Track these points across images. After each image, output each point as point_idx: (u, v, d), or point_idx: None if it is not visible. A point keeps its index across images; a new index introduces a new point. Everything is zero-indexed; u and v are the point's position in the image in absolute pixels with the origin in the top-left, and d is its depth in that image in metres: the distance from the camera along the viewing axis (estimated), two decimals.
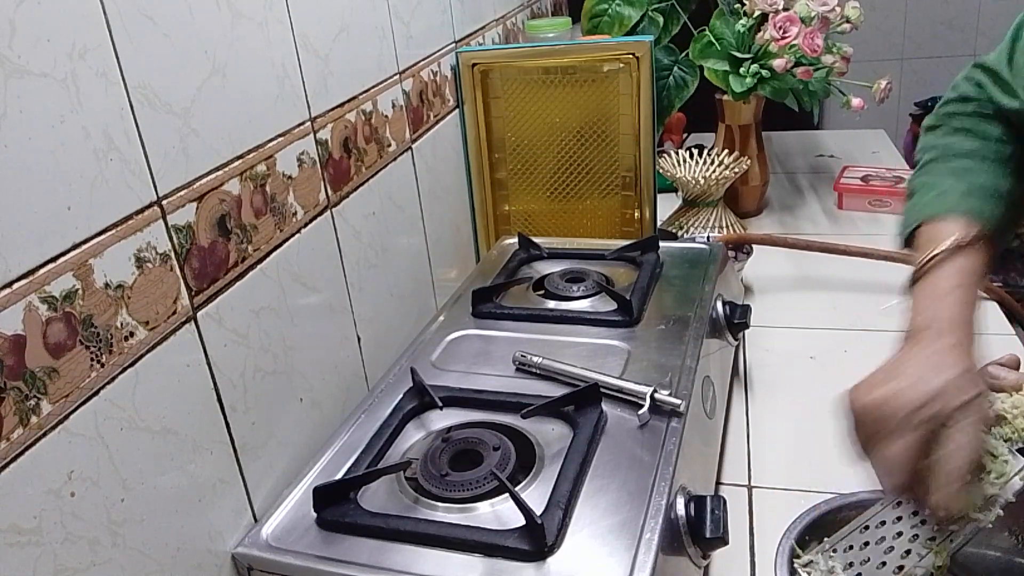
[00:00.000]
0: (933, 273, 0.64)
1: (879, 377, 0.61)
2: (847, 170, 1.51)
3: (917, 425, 0.56)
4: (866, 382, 0.61)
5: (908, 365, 0.60)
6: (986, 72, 0.73)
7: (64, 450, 0.49)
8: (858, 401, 0.60)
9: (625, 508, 0.61)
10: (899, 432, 0.56)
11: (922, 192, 0.71)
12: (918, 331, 0.62)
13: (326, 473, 0.69)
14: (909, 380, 0.58)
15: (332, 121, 0.82)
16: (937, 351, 0.59)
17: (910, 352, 0.61)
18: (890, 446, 0.56)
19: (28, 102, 0.46)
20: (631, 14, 1.39)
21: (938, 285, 0.64)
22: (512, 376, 0.81)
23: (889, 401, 0.57)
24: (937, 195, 0.69)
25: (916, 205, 0.71)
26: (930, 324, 0.62)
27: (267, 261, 0.70)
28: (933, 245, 0.65)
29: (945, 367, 0.58)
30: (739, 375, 1.00)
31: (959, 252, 0.64)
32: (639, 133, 1.15)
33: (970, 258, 0.64)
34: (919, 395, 0.56)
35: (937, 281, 0.64)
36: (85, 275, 0.50)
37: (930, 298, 0.64)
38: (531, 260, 1.07)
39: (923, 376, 0.57)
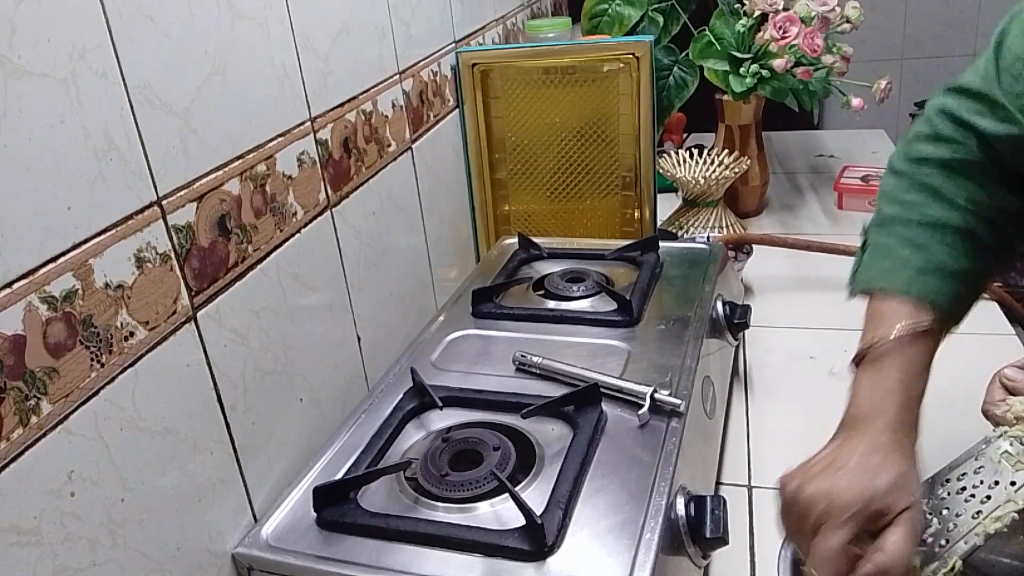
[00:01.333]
0: (879, 362, 0.62)
1: (816, 468, 0.60)
2: (847, 170, 1.51)
3: (853, 524, 0.56)
4: (802, 470, 0.61)
5: (848, 459, 0.59)
6: (968, 97, 0.65)
7: (64, 450, 0.48)
8: (793, 491, 0.60)
9: (625, 508, 0.61)
10: (835, 529, 0.56)
11: (876, 255, 0.67)
12: (858, 421, 0.61)
13: (326, 473, 0.69)
14: (845, 478, 0.57)
15: (332, 121, 0.82)
16: (877, 448, 0.59)
17: (848, 445, 0.60)
18: (825, 541, 0.56)
19: (28, 102, 0.46)
20: (631, 14, 1.39)
21: (883, 376, 0.62)
22: (512, 376, 0.81)
23: (826, 497, 0.57)
24: (891, 267, 0.65)
25: (868, 268, 0.67)
26: (871, 416, 0.61)
27: (267, 261, 0.70)
28: (881, 329, 0.63)
29: (885, 468, 0.57)
30: (739, 375, 1.00)
31: (907, 341, 0.62)
32: (639, 133, 1.15)
33: (917, 349, 0.62)
34: (856, 494, 0.56)
35: (882, 371, 0.62)
36: (85, 275, 0.50)
37: (874, 389, 0.62)
38: (531, 260, 1.07)
39: (862, 474, 0.57)
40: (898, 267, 0.64)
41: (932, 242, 0.63)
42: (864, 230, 0.70)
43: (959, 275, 0.63)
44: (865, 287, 0.66)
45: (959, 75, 0.67)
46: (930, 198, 0.65)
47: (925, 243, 0.63)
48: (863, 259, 0.68)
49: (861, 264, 0.68)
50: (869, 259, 0.67)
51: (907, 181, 0.67)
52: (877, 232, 0.68)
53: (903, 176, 0.67)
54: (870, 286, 0.66)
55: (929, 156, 0.66)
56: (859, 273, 0.68)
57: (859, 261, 0.69)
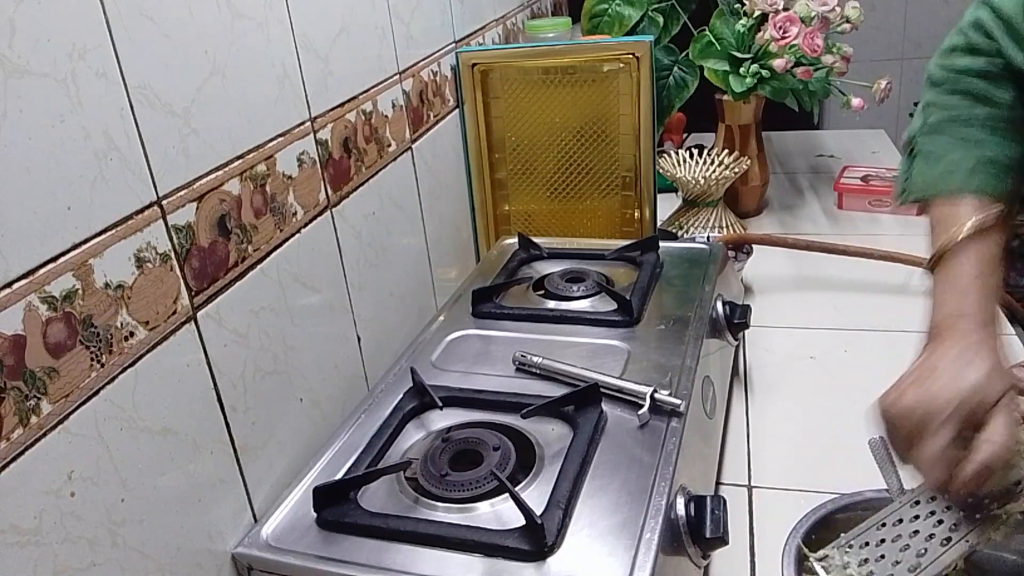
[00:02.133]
0: (952, 262, 0.63)
1: (909, 380, 0.60)
2: (847, 170, 1.51)
3: (952, 424, 0.56)
4: (896, 386, 0.61)
5: (937, 366, 0.60)
6: (998, 18, 0.67)
7: (64, 450, 0.48)
8: (891, 407, 0.60)
9: (625, 508, 0.61)
10: (935, 432, 0.57)
11: (929, 161, 0.68)
12: (942, 326, 0.62)
13: (326, 473, 0.69)
14: (940, 381, 0.58)
15: (332, 121, 0.82)
16: (965, 349, 0.60)
17: (936, 352, 0.61)
18: (928, 446, 0.57)
19: (28, 102, 0.46)
20: (631, 14, 1.39)
21: (959, 276, 0.63)
22: (512, 376, 0.81)
23: (922, 404, 0.58)
24: (946, 169, 0.66)
25: (923, 175, 0.68)
26: (954, 319, 0.62)
27: (267, 261, 0.70)
28: (948, 229, 0.64)
29: (974, 365, 0.58)
30: (739, 375, 1.00)
31: (976, 238, 0.63)
32: (639, 133, 1.15)
33: (987, 244, 0.63)
34: (951, 395, 0.57)
35: (957, 271, 0.63)
36: (85, 275, 0.50)
37: (951, 290, 0.63)
38: (531, 260, 1.07)
39: (953, 376, 0.58)
40: (954, 168, 0.66)
41: (984, 137, 0.65)
42: (909, 138, 0.71)
43: (1013, 165, 0.65)
44: (921, 193, 0.68)
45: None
46: (974, 100, 0.67)
47: (977, 139, 0.65)
48: (913, 167, 0.69)
49: (912, 172, 0.69)
50: (921, 166, 0.69)
51: (949, 88, 0.69)
52: (925, 139, 0.69)
53: (944, 85, 0.70)
54: (927, 192, 0.67)
55: (968, 67, 0.68)
56: (911, 181, 0.69)
57: (908, 170, 0.70)
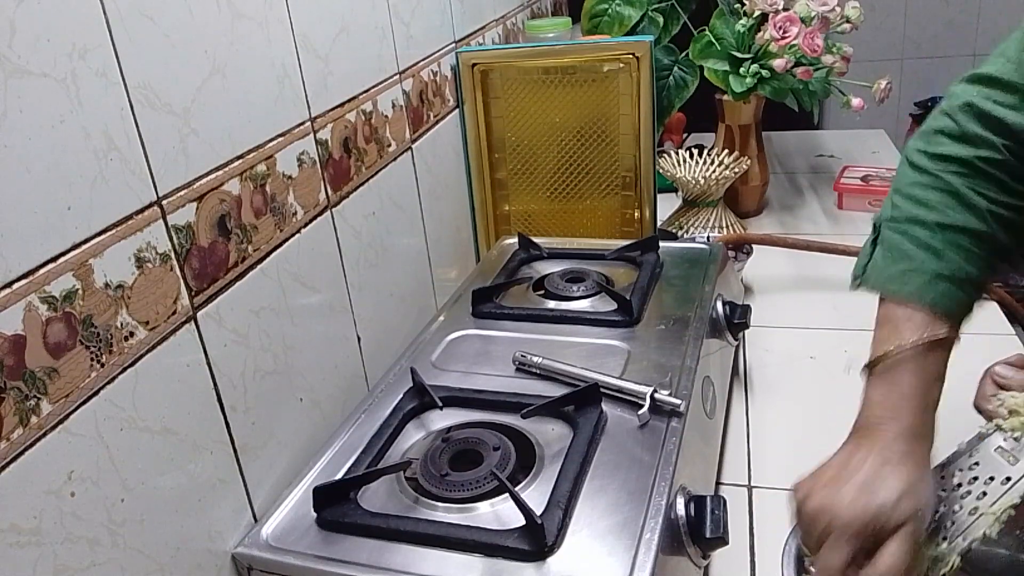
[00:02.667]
0: (894, 371, 0.61)
1: (825, 476, 0.60)
2: (847, 170, 1.51)
3: (850, 545, 0.56)
4: (813, 479, 0.61)
5: (853, 472, 0.58)
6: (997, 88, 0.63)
7: (64, 450, 0.48)
8: (802, 501, 0.60)
9: (625, 508, 0.61)
10: (832, 547, 0.56)
11: (890, 256, 0.65)
12: (870, 427, 0.61)
13: (326, 473, 0.69)
14: (850, 494, 0.57)
15: (332, 121, 0.82)
16: (885, 461, 0.58)
17: (857, 455, 0.60)
18: (826, 557, 0.57)
19: (28, 102, 0.46)
20: (631, 14, 1.39)
21: (898, 383, 0.61)
22: (512, 376, 0.81)
23: (827, 513, 0.57)
24: (906, 271, 0.63)
25: (881, 268, 0.66)
26: (884, 423, 0.60)
27: (267, 261, 0.70)
28: (895, 336, 0.62)
29: (887, 483, 0.57)
30: (739, 375, 1.00)
31: (922, 353, 0.61)
32: (639, 133, 1.15)
33: (933, 358, 0.61)
34: (855, 513, 0.56)
35: (898, 378, 0.61)
36: (85, 275, 0.50)
37: (888, 396, 0.61)
38: (531, 260, 1.07)
39: (863, 491, 0.57)
40: (914, 272, 0.63)
41: (950, 248, 0.62)
42: (876, 221, 0.68)
43: (973, 282, 0.63)
44: (877, 288, 0.66)
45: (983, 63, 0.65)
46: (951, 201, 0.63)
47: (942, 249, 0.62)
48: (875, 255, 0.67)
49: (872, 260, 0.67)
50: (882, 258, 0.66)
51: (927, 179, 0.65)
52: (892, 229, 0.66)
53: (923, 173, 0.65)
54: (883, 288, 0.65)
55: (953, 155, 0.64)
56: (870, 270, 0.67)
57: (869, 255, 0.67)
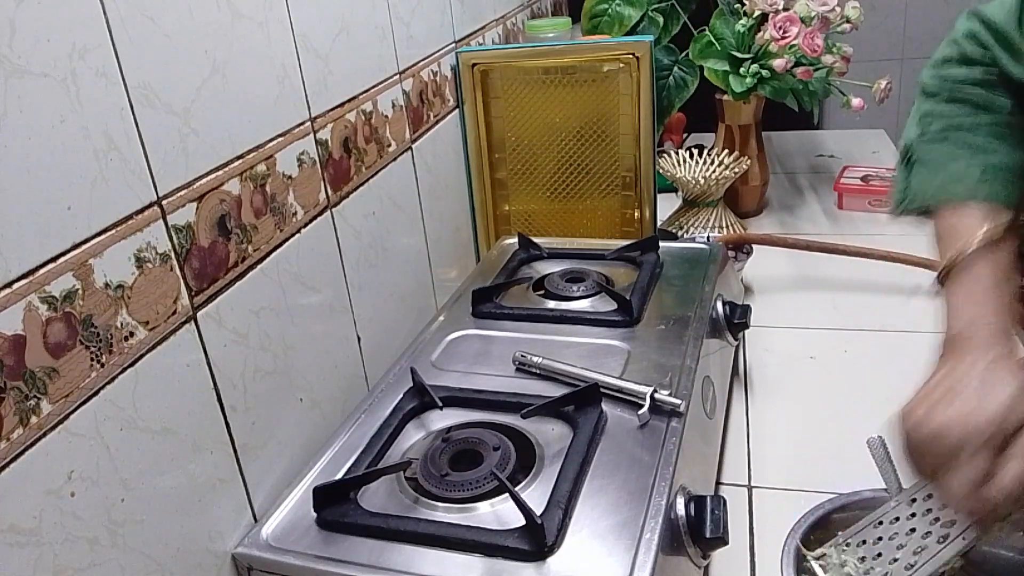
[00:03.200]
0: (966, 273, 0.61)
1: (934, 396, 0.58)
2: (847, 170, 1.51)
3: (988, 452, 0.55)
4: (921, 402, 0.59)
5: (964, 383, 0.58)
6: (990, 31, 0.67)
7: (64, 450, 0.48)
8: (919, 427, 0.58)
9: (625, 508, 0.61)
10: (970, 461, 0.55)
11: (933, 168, 0.66)
12: (961, 338, 0.60)
13: (326, 473, 0.69)
14: (970, 402, 0.56)
15: (332, 121, 0.82)
16: (990, 364, 0.58)
17: (960, 366, 0.59)
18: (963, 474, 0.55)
19: (28, 102, 0.46)
20: (631, 14, 1.39)
21: (974, 287, 0.61)
22: (512, 376, 0.80)
23: (954, 427, 0.56)
24: (952, 177, 0.64)
25: (927, 183, 0.66)
26: (973, 331, 0.60)
27: (267, 261, 0.70)
28: (959, 239, 0.62)
29: (1003, 384, 0.56)
30: (739, 375, 1.00)
31: (989, 248, 0.61)
32: (639, 133, 1.15)
33: (1000, 253, 0.61)
34: (985, 419, 0.55)
35: (972, 282, 0.61)
36: (85, 275, 0.50)
37: (967, 302, 0.61)
38: (531, 260, 1.07)
39: (983, 396, 0.56)
40: (960, 175, 0.64)
41: (990, 144, 0.64)
42: (906, 147, 0.69)
43: (1019, 172, 0.64)
44: (926, 202, 0.66)
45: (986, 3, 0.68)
46: (975, 108, 0.66)
47: (983, 146, 0.64)
48: (912, 176, 0.67)
49: (911, 181, 0.67)
50: (923, 174, 0.67)
51: (947, 97, 0.68)
52: (926, 147, 0.67)
53: (941, 95, 0.68)
54: (932, 200, 0.65)
55: (964, 77, 0.67)
56: (913, 188, 0.67)
57: (907, 179, 0.68)
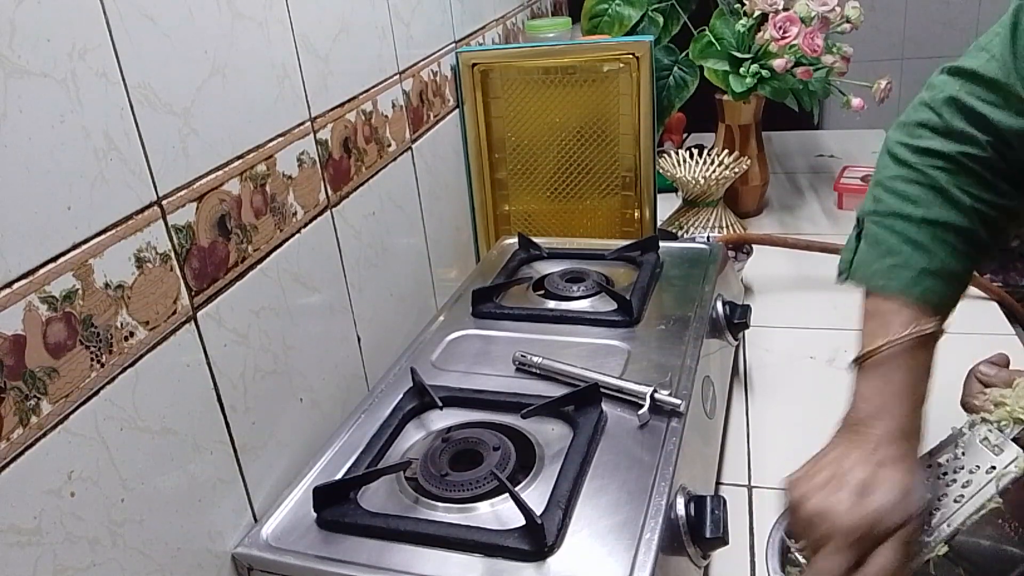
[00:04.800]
0: (884, 367, 0.61)
1: (820, 478, 0.60)
2: (847, 170, 1.51)
3: (850, 553, 0.56)
4: (807, 479, 0.61)
5: (850, 474, 0.59)
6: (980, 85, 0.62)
7: (64, 450, 0.48)
8: (798, 503, 0.60)
9: (625, 508, 0.61)
10: (832, 555, 0.56)
11: (875, 250, 0.65)
12: (863, 425, 0.61)
13: (326, 473, 0.69)
14: (849, 497, 0.57)
15: (332, 121, 0.82)
16: (881, 461, 0.59)
17: (853, 454, 0.60)
18: (825, 563, 0.57)
19: (28, 102, 0.46)
20: (631, 14, 1.39)
21: (889, 379, 0.61)
22: (512, 376, 0.80)
23: (827, 516, 0.57)
24: (891, 267, 0.63)
25: (866, 263, 0.66)
26: (877, 422, 0.60)
27: (267, 261, 0.70)
28: (884, 331, 0.62)
29: (884, 487, 0.57)
30: (739, 375, 1.00)
31: (911, 348, 0.61)
32: (639, 133, 1.15)
33: (922, 353, 0.61)
34: (855, 521, 0.56)
35: (887, 376, 0.61)
36: (85, 275, 0.50)
37: (880, 393, 0.61)
38: (531, 260, 1.07)
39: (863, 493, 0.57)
40: (899, 267, 0.63)
41: (935, 243, 0.62)
42: (860, 214, 0.69)
43: (958, 276, 0.63)
44: (864, 282, 0.66)
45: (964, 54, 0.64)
46: (935, 197, 0.63)
47: (927, 244, 0.62)
48: (859, 249, 0.67)
49: (857, 254, 0.67)
50: (867, 252, 0.66)
51: (910, 173, 0.65)
52: (876, 222, 0.66)
53: (906, 167, 0.65)
54: (870, 283, 0.65)
55: (936, 150, 0.64)
56: (856, 264, 0.67)
57: (854, 249, 0.68)
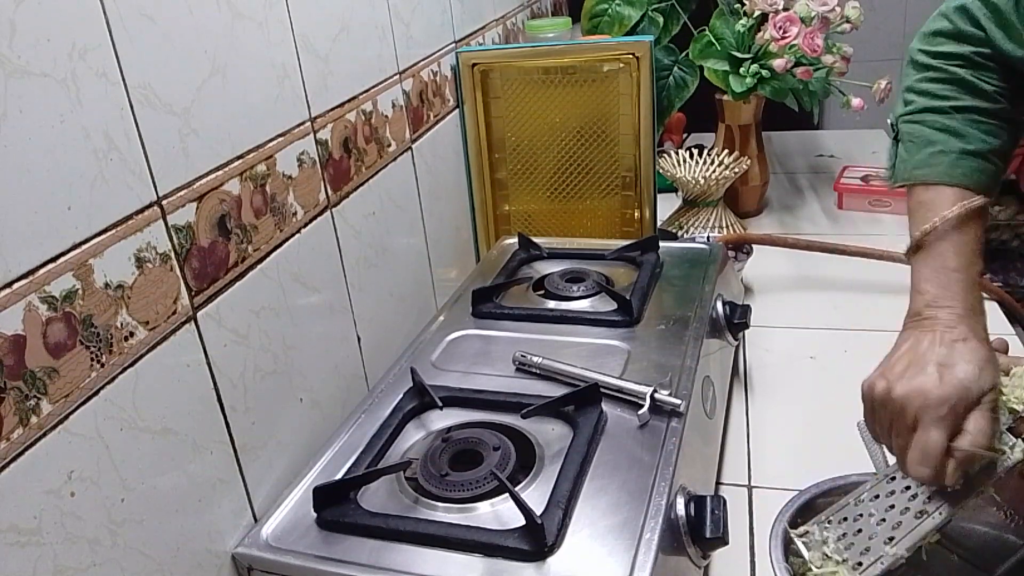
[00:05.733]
0: (936, 247, 0.65)
1: (897, 370, 0.61)
2: (847, 170, 1.51)
3: (945, 424, 0.58)
4: (885, 373, 0.62)
5: (924, 359, 0.61)
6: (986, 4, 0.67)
7: (64, 450, 0.48)
8: (886, 391, 0.61)
9: (625, 508, 0.61)
10: (927, 430, 0.58)
11: (915, 145, 0.69)
12: (926, 315, 0.63)
13: (326, 473, 0.69)
14: (929, 380, 0.59)
15: (332, 121, 0.82)
16: (952, 342, 0.61)
17: (923, 342, 0.62)
18: (919, 442, 0.58)
19: (28, 102, 0.46)
20: (631, 14, 1.39)
21: (943, 262, 0.64)
22: (512, 376, 0.80)
23: (914, 399, 0.59)
24: (928, 158, 0.68)
25: (907, 161, 0.70)
26: (937, 308, 0.63)
27: (267, 261, 0.70)
28: (929, 217, 0.65)
29: (963, 361, 0.59)
30: (739, 375, 1.00)
31: (957, 228, 0.64)
32: (639, 133, 1.15)
33: (968, 234, 0.64)
34: (944, 393, 0.58)
35: (941, 257, 0.64)
36: (85, 275, 0.50)
37: (933, 279, 0.64)
38: (531, 260, 1.07)
39: (948, 366, 0.59)
40: (938, 154, 0.67)
41: (967, 127, 0.67)
42: (893, 122, 0.73)
43: (994, 153, 0.67)
44: (907, 177, 0.69)
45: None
46: (960, 89, 0.68)
47: (961, 129, 0.67)
48: (898, 151, 0.71)
49: (898, 157, 0.71)
50: (906, 150, 0.70)
51: (934, 74, 0.70)
52: (909, 120, 0.70)
53: (929, 69, 0.70)
54: (912, 176, 0.69)
55: (953, 52, 0.69)
56: (898, 165, 0.71)
57: (895, 154, 0.72)
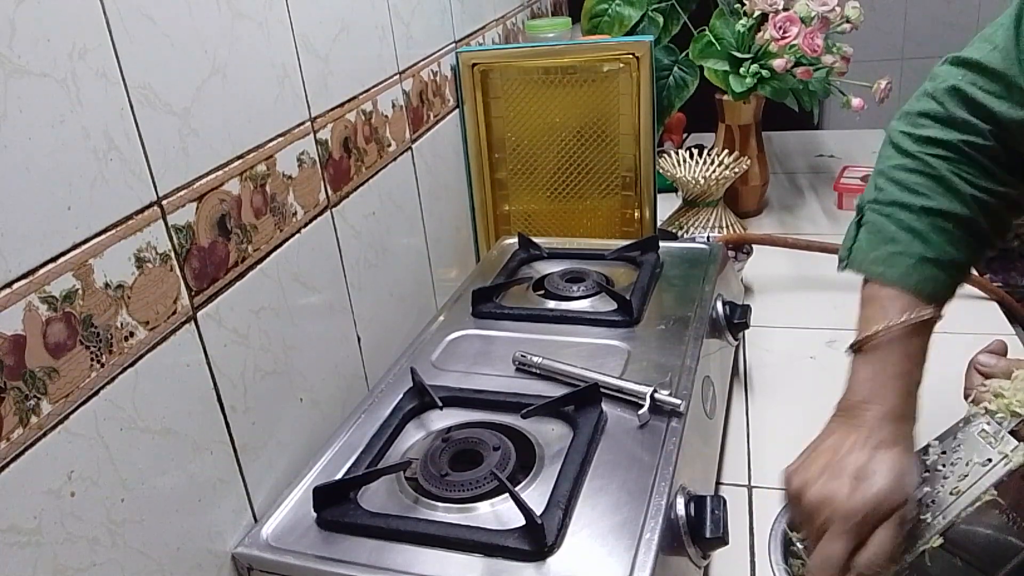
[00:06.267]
0: (877, 352, 0.62)
1: (818, 465, 0.61)
2: (847, 170, 1.51)
3: (850, 538, 0.57)
4: (805, 467, 0.62)
5: (848, 458, 0.60)
6: (983, 75, 0.62)
7: (64, 450, 0.48)
8: (799, 492, 0.61)
9: (625, 508, 0.61)
10: (837, 536, 0.57)
11: (875, 238, 0.66)
12: (859, 408, 0.62)
13: (326, 473, 0.69)
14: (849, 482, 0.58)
15: (332, 121, 0.82)
16: (877, 443, 0.60)
17: (848, 440, 0.61)
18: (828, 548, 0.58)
19: (28, 102, 0.46)
20: (631, 14, 1.39)
21: (882, 367, 0.62)
22: (512, 376, 0.80)
23: (829, 502, 0.58)
24: (891, 255, 0.64)
25: (866, 250, 0.66)
26: (870, 407, 0.61)
27: (267, 261, 0.70)
28: (881, 318, 0.63)
29: (880, 472, 0.58)
30: (739, 375, 1.00)
31: (906, 336, 0.62)
32: (639, 133, 1.15)
33: (917, 339, 0.62)
34: (857, 503, 0.57)
35: (882, 363, 0.62)
36: (85, 275, 0.50)
37: (873, 378, 0.62)
38: (531, 260, 1.07)
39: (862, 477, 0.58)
40: (898, 255, 0.64)
41: (934, 232, 0.63)
42: (861, 203, 0.69)
43: (957, 264, 0.64)
44: (863, 270, 0.66)
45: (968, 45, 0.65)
46: (936, 186, 0.63)
47: (927, 232, 0.63)
48: (859, 237, 0.68)
49: (856, 242, 0.68)
50: (867, 240, 0.67)
51: (912, 162, 0.65)
52: (876, 211, 0.67)
53: (907, 156, 0.66)
54: (869, 270, 0.66)
55: (938, 138, 0.64)
56: (855, 252, 0.68)
57: (854, 237, 0.68)
